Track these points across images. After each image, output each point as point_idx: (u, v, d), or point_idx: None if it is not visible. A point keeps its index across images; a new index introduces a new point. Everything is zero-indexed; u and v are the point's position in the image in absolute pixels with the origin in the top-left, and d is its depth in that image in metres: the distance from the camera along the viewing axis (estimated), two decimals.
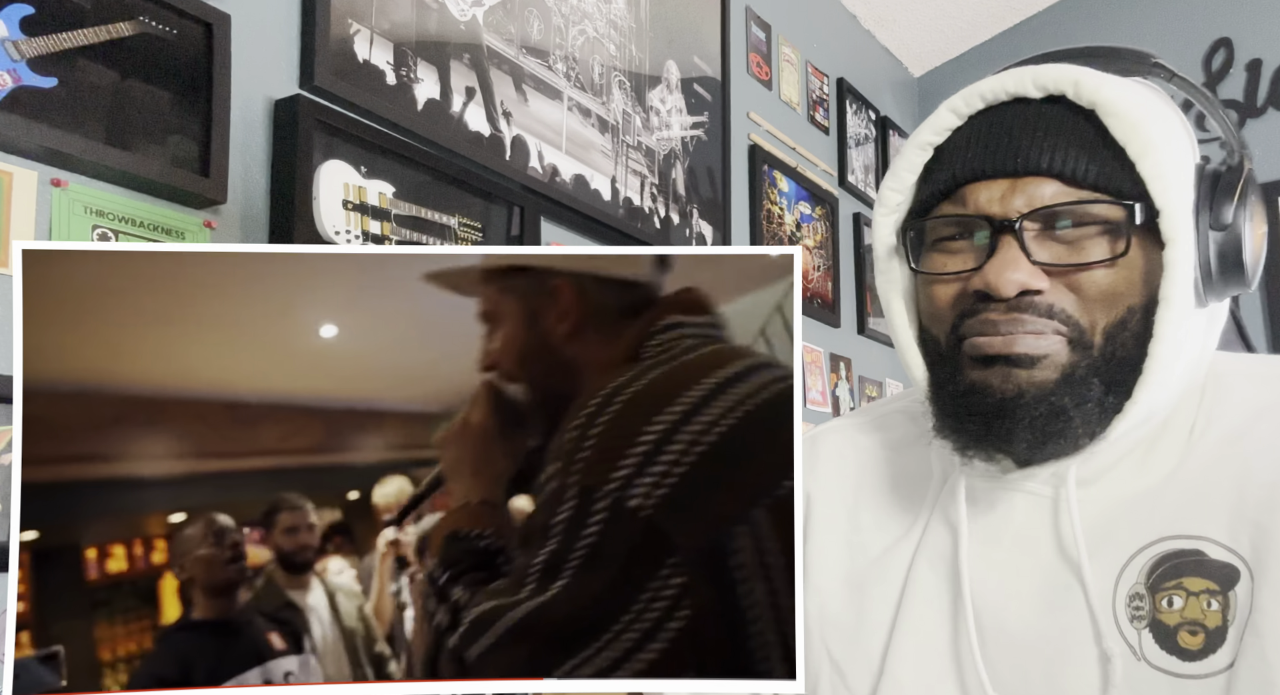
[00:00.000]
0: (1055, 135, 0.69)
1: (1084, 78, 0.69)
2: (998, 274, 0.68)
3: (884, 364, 3.07)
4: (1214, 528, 0.68)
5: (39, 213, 1.13)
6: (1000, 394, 0.69)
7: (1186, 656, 0.66)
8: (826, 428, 0.91)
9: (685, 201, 2.21)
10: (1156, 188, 0.67)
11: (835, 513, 0.83)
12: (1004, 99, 0.72)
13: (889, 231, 0.77)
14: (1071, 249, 0.69)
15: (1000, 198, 0.69)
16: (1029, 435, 0.69)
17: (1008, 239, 0.68)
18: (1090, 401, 0.69)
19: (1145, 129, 0.67)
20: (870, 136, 3.16)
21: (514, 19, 1.77)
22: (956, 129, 0.74)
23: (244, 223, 1.33)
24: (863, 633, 0.77)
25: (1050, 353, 0.69)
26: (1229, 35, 2.99)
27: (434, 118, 1.59)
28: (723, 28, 2.40)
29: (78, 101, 1.15)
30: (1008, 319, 0.69)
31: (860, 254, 2.99)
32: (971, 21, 3.28)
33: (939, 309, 0.73)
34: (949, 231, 0.73)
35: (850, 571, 0.80)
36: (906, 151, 0.76)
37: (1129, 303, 0.69)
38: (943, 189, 0.72)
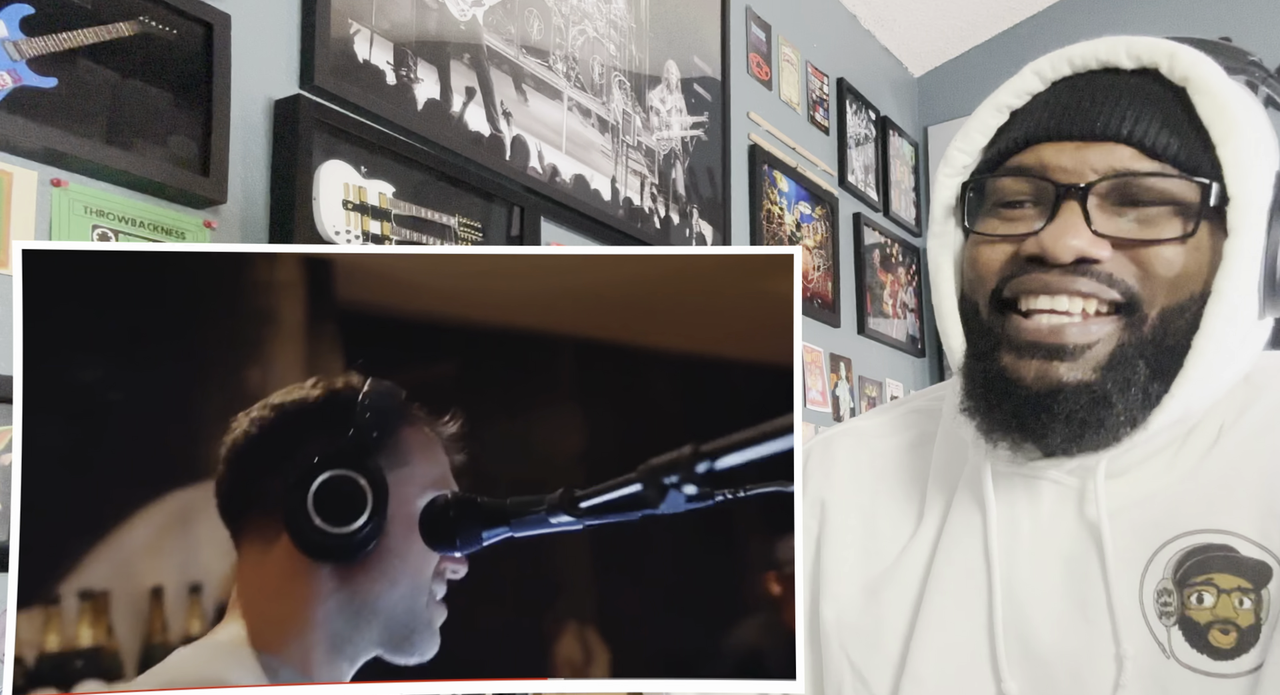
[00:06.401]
0: (1139, 104, 0.66)
1: (1180, 52, 0.66)
2: (1055, 238, 0.65)
3: (884, 364, 3.07)
4: (1243, 523, 0.67)
5: (39, 213, 1.13)
6: (1034, 388, 0.67)
7: (1218, 655, 0.65)
8: (842, 430, 0.89)
9: (685, 201, 2.21)
10: (1233, 174, 0.64)
11: (851, 519, 0.81)
12: (1093, 66, 0.69)
13: (950, 192, 0.74)
14: (1139, 224, 0.66)
15: (1070, 160, 0.66)
16: (1065, 429, 0.67)
17: (1071, 204, 0.65)
18: (1135, 386, 0.66)
19: (1232, 112, 0.65)
20: (870, 136, 3.16)
21: (514, 19, 1.77)
22: (1035, 95, 0.71)
23: (244, 223, 1.33)
24: (882, 634, 0.76)
25: (1098, 340, 0.66)
26: (1229, 35, 2.98)
27: (434, 118, 1.59)
28: (723, 28, 2.40)
29: (78, 101, 1.15)
30: (1062, 279, 0.66)
31: (860, 254, 2.99)
32: (971, 21, 3.28)
33: (984, 272, 0.71)
34: (1011, 195, 0.70)
35: (868, 578, 0.79)
36: (981, 112, 0.73)
37: (1192, 289, 0.66)
38: (1012, 146, 0.70)
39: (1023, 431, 0.68)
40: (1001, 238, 0.69)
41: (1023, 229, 0.68)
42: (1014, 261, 0.69)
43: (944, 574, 0.75)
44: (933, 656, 0.73)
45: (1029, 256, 0.67)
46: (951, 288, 0.75)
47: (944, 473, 0.80)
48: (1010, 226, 0.69)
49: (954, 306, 0.74)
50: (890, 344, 3.11)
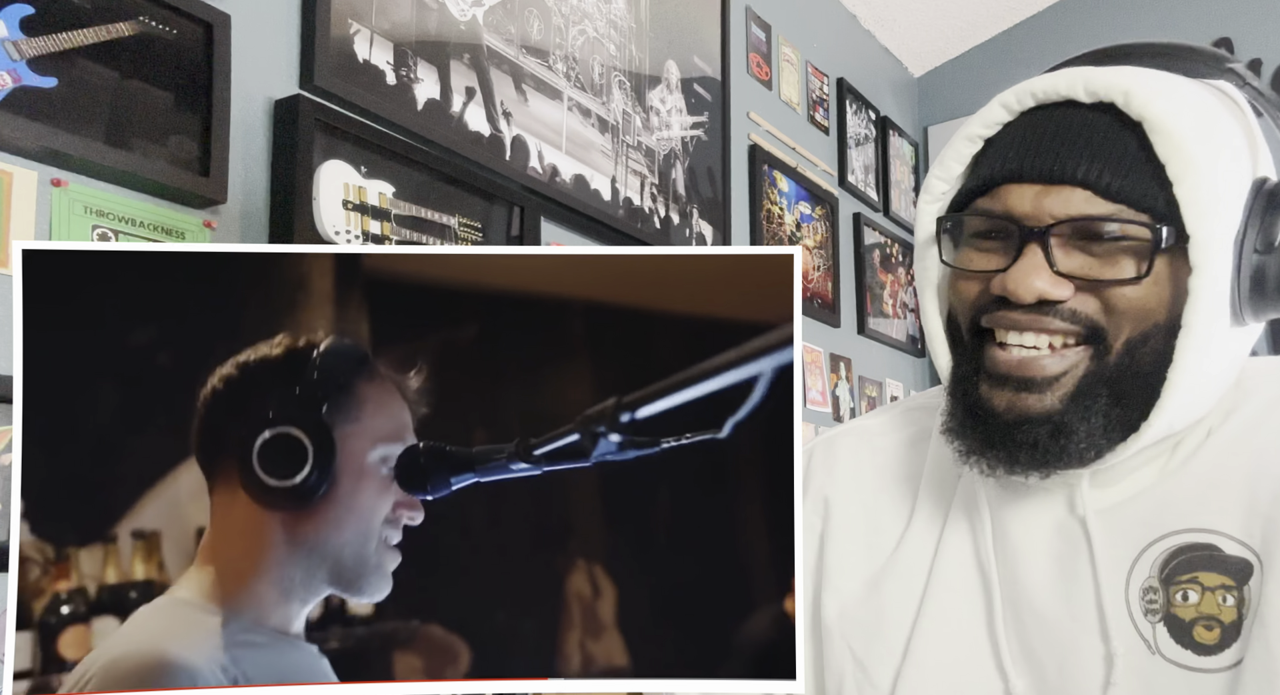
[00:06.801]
0: (1095, 146, 0.67)
1: (1136, 88, 0.67)
2: (1018, 281, 0.68)
3: (884, 364, 3.07)
4: (1227, 521, 0.68)
5: (39, 213, 1.13)
6: (1004, 418, 0.70)
7: (1202, 651, 0.67)
8: (844, 429, 0.91)
9: (685, 201, 2.21)
10: (1190, 213, 0.65)
11: (854, 516, 0.83)
12: (1055, 99, 0.70)
13: (930, 220, 0.77)
14: (1099, 261, 0.68)
15: (1032, 202, 0.68)
16: (1030, 456, 0.69)
17: (1033, 246, 0.68)
18: (1096, 414, 0.68)
19: (1189, 149, 0.65)
20: (870, 136, 3.16)
21: (514, 19, 1.77)
22: (1007, 124, 0.73)
23: (244, 223, 1.33)
24: (884, 626, 0.78)
25: (1066, 371, 0.69)
26: (1229, 35, 2.98)
27: (434, 118, 1.59)
28: (723, 28, 2.40)
29: (78, 101, 1.15)
30: (1028, 318, 0.69)
31: (860, 254, 2.99)
32: (971, 21, 3.28)
33: (962, 302, 0.74)
34: (983, 228, 0.73)
35: (870, 572, 0.80)
36: (955, 143, 0.76)
37: (1155, 319, 0.68)
38: (980, 186, 0.72)
39: (993, 454, 0.71)
40: (977, 273, 0.72)
41: (995, 264, 0.71)
42: (985, 295, 0.72)
43: (946, 569, 0.77)
44: (935, 645, 0.75)
45: (995, 296, 0.70)
46: (935, 309, 0.78)
47: (942, 468, 0.81)
48: (985, 259, 0.72)
49: (940, 328, 0.77)
50: (890, 344, 3.11)
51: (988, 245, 0.72)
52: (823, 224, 2.81)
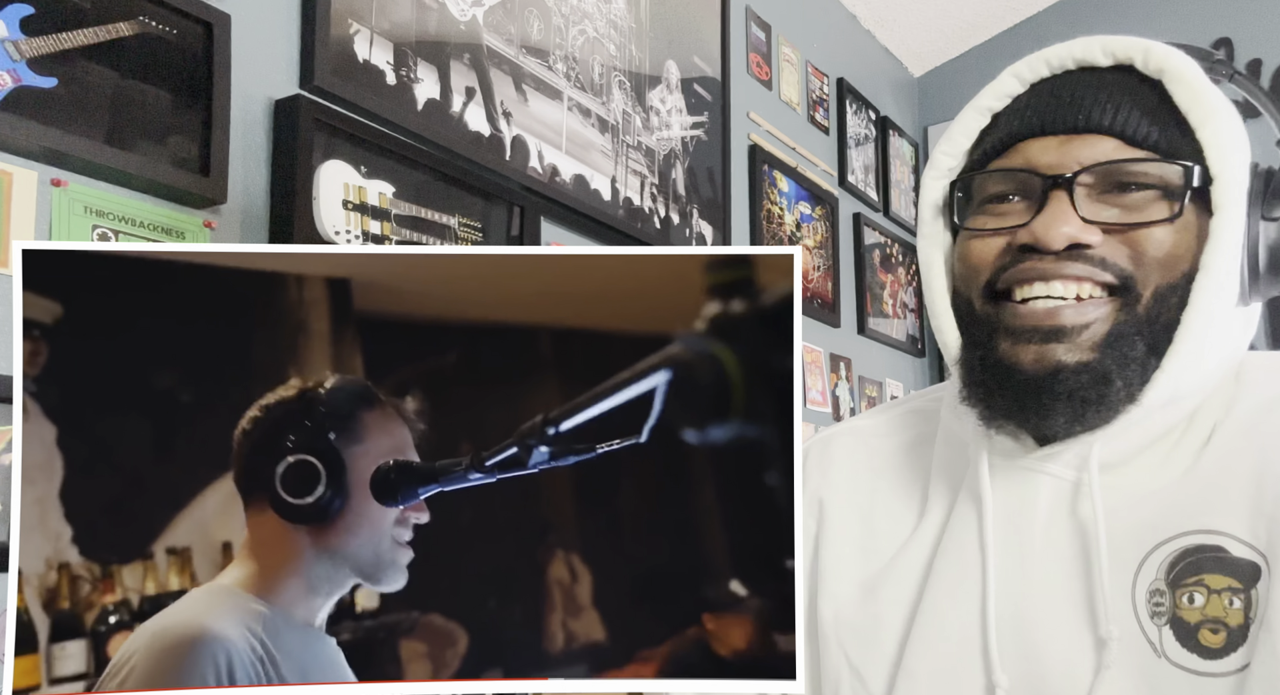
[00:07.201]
0: (1119, 96, 0.69)
1: (1153, 46, 0.69)
2: (1046, 226, 0.67)
3: (884, 364, 3.07)
4: (1233, 523, 0.67)
5: (39, 213, 1.13)
6: (1032, 371, 0.68)
7: (1207, 655, 0.66)
8: (840, 429, 0.89)
9: (685, 201, 2.21)
10: (1214, 155, 0.67)
11: (849, 518, 0.82)
12: (1070, 66, 0.72)
13: (937, 193, 0.76)
14: (1125, 210, 0.68)
15: (1056, 152, 0.69)
16: (1068, 408, 0.68)
17: (1059, 193, 0.67)
18: (1134, 363, 0.68)
19: (1208, 98, 0.67)
20: (870, 136, 3.16)
21: (514, 19, 1.77)
22: (1016, 96, 0.73)
23: (244, 223, 1.33)
24: (880, 632, 0.77)
25: (1094, 319, 0.68)
26: (1229, 35, 2.99)
27: (434, 118, 1.59)
28: (723, 28, 2.40)
29: (78, 101, 1.15)
30: (1056, 265, 0.68)
31: (860, 254, 2.99)
32: (971, 21, 3.28)
33: (976, 265, 0.72)
34: (998, 190, 0.72)
35: (865, 576, 0.79)
36: (964, 115, 0.75)
37: (1182, 268, 0.68)
38: (997, 146, 0.72)
39: (1023, 415, 0.70)
40: (992, 232, 0.71)
41: (1013, 221, 0.70)
42: (1006, 252, 0.70)
43: (942, 571, 0.75)
44: (926, 651, 0.74)
45: (1022, 246, 0.69)
46: (944, 285, 0.76)
47: (944, 473, 0.80)
48: (1000, 221, 0.71)
49: (947, 303, 0.76)
50: (890, 344, 3.11)
51: (1004, 208, 0.71)
52: (823, 224, 2.81)
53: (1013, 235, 0.70)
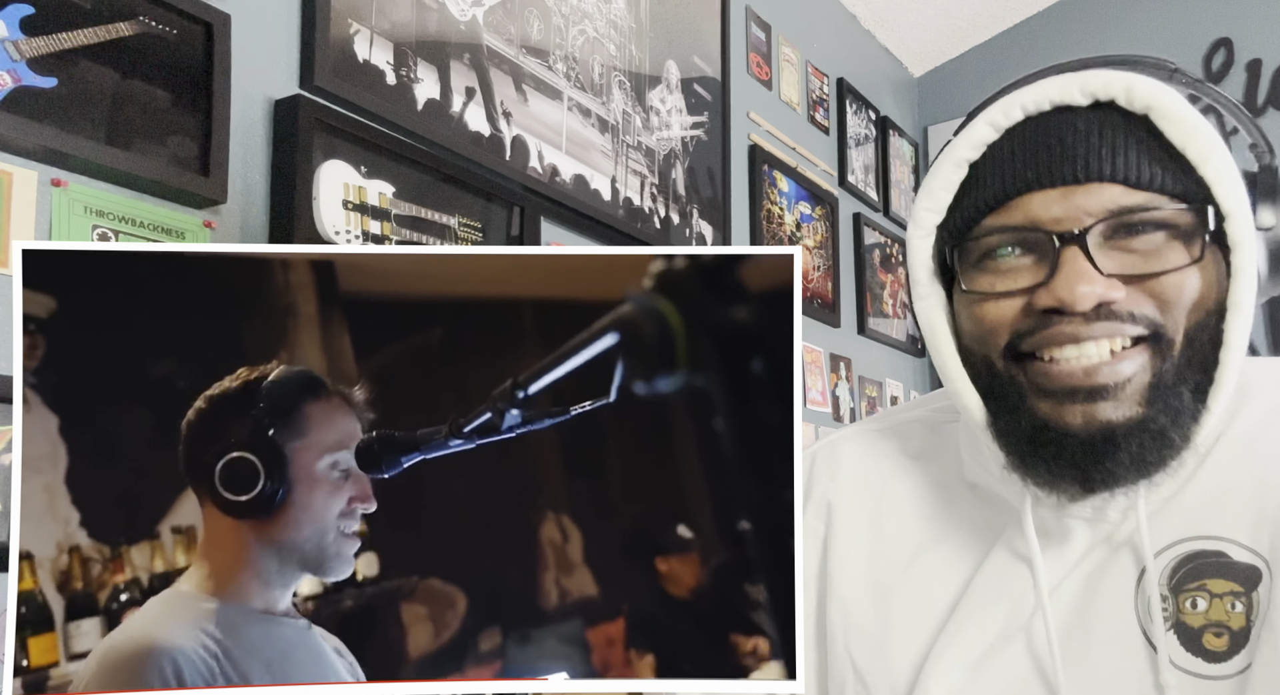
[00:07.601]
0: (1111, 139, 0.66)
1: (1135, 83, 0.66)
2: (1070, 288, 0.64)
3: (884, 364, 3.07)
4: (1234, 528, 0.68)
5: (39, 213, 1.13)
6: (1084, 434, 0.66)
7: (1211, 658, 0.66)
8: (846, 434, 0.89)
9: (685, 201, 2.21)
10: (1223, 192, 0.65)
11: (858, 520, 0.82)
12: (1046, 108, 0.68)
13: (927, 254, 0.73)
14: (1142, 257, 0.66)
15: (1060, 205, 0.66)
16: (1132, 472, 0.66)
17: (1072, 250, 0.65)
18: (1184, 412, 0.66)
19: (1203, 134, 0.65)
20: (870, 136, 3.16)
21: (514, 19, 1.78)
22: (993, 143, 0.70)
23: (244, 223, 1.33)
24: (889, 642, 0.76)
25: (1133, 373, 0.66)
26: (1229, 35, 2.99)
27: (434, 118, 1.59)
28: (723, 28, 2.40)
29: (78, 101, 1.15)
30: (1088, 328, 0.65)
31: (860, 254, 2.99)
32: (971, 21, 3.28)
33: (993, 327, 0.69)
34: (996, 247, 0.69)
35: (875, 580, 0.79)
36: (942, 169, 0.71)
37: (1207, 306, 0.66)
38: (990, 202, 0.68)
39: (1088, 482, 0.67)
40: (1008, 294, 0.68)
41: (1024, 281, 0.68)
42: (1027, 314, 0.67)
43: (975, 609, 0.73)
44: (942, 684, 0.72)
45: (1045, 309, 0.66)
46: (952, 347, 0.73)
47: (968, 515, 0.78)
48: (1008, 280, 0.68)
49: (960, 368, 0.72)
50: (890, 344, 3.11)
51: (1009, 264, 0.68)
52: (823, 224, 2.81)
53: (1029, 296, 0.67)
